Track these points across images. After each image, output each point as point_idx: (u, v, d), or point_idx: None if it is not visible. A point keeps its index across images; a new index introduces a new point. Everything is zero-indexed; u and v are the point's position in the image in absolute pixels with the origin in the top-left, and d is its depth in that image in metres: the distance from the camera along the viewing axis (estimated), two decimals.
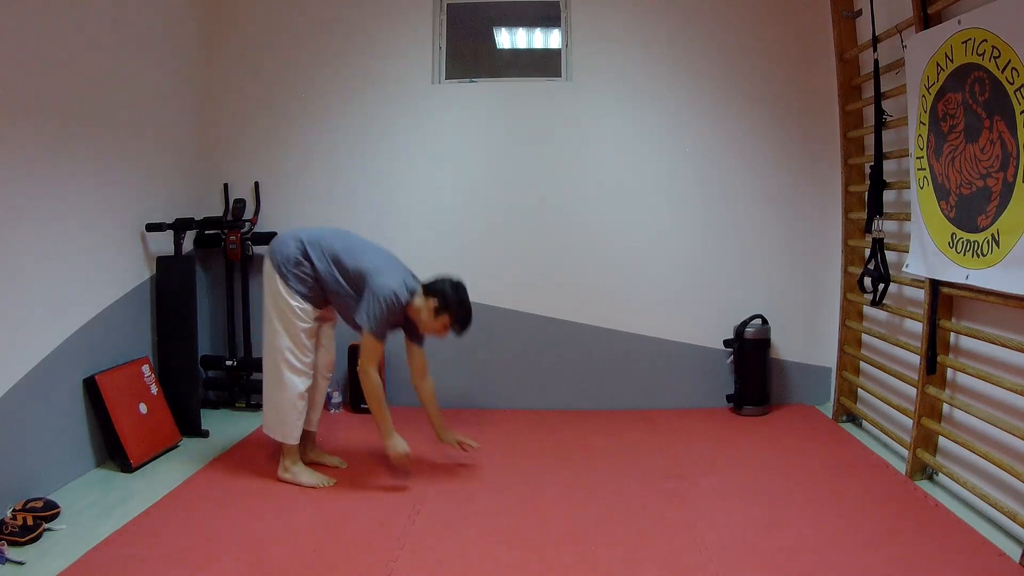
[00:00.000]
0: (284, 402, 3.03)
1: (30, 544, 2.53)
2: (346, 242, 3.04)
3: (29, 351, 2.90)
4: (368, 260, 2.98)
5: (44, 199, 2.98)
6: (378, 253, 3.08)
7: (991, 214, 2.55)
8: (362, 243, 3.10)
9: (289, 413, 3.03)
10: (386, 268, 2.98)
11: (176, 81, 4.00)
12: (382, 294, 2.88)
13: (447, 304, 2.95)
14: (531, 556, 2.47)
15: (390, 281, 2.91)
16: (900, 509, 2.79)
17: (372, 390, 2.94)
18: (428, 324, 2.98)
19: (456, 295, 2.97)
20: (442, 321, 2.97)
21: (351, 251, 3.00)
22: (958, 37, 2.69)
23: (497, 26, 4.51)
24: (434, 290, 2.97)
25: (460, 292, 3.00)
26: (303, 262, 2.97)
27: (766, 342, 4.04)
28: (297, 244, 2.99)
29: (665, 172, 4.17)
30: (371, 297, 2.88)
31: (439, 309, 2.95)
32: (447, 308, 2.95)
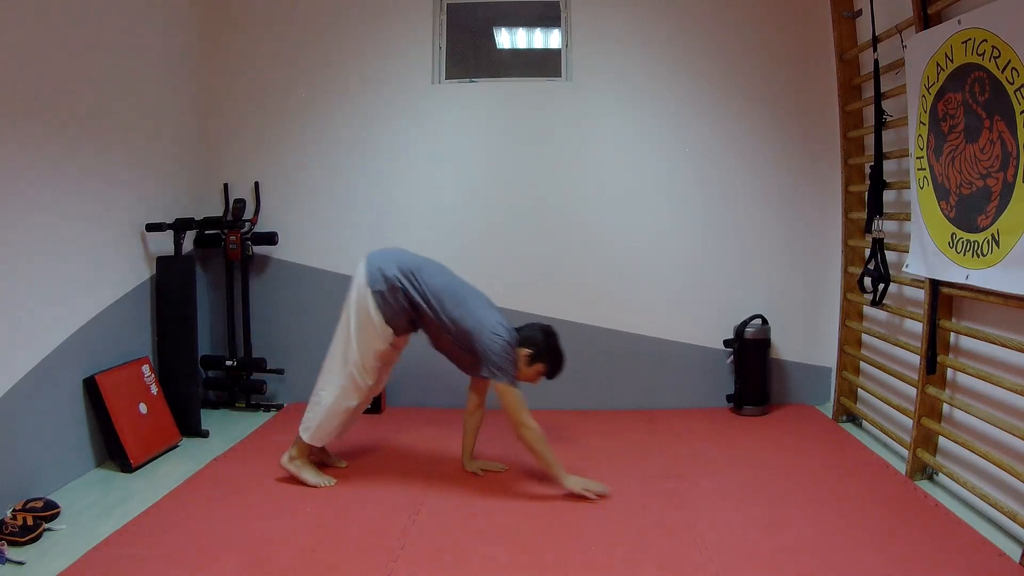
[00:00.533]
0: (332, 412, 3.02)
1: (30, 544, 2.53)
2: (443, 279, 3.01)
3: (29, 351, 2.90)
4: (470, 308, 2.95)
5: (44, 199, 2.98)
6: (476, 298, 3.03)
7: (991, 214, 2.55)
8: (458, 282, 3.06)
9: (332, 423, 3.04)
10: (488, 319, 2.94)
11: (176, 81, 4.00)
12: (501, 348, 2.88)
13: (540, 353, 2.98)
14: (531, 556, 2.47)
15: (501, 331, 2.91)
16: (900, 509, 2.79)
17: (538, 439, 2.92)
18: (522, 372, 3.00)
19: (547, 342, 3.00)
20: (536, 369, 3.01)
21: (451, 293, 2.97)
22: (958, 37, 2.69)
23: (497, 26, 4.51)
24: (527, 339, 2.99)
25: (552, 339, 3.02)
26: (402, 290, 2.93)
27: (766, 342, 4.04)
28: (398, 271, 2.94)
29: (665, 172, 4.17)
30: (492, 353, 2.88)
31: (533, 357, 2.98)
32: (540, 357, 2.98)
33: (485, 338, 2.89)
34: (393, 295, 2.93)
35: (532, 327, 3.04)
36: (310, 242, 4.28)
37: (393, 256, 3.03)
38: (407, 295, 2.94)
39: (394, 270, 2.94)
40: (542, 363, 2.99)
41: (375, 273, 2.94)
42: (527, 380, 3.04)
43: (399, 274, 2.94)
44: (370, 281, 2.94)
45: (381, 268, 2.95)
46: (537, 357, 2.98)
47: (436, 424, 3.90)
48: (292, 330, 4.29)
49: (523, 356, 2.97)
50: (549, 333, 3.03)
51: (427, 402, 4.21)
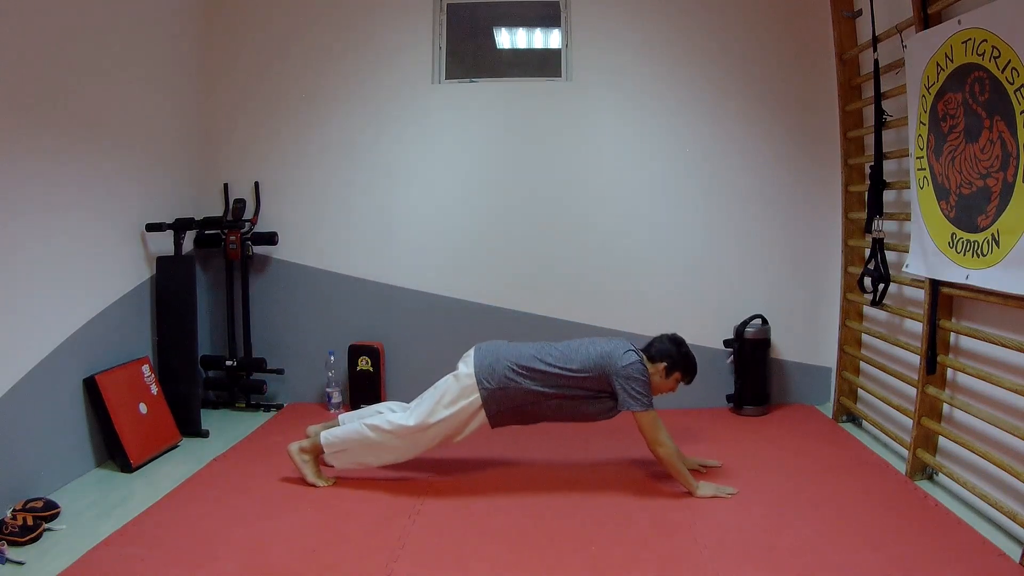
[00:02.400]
0: (369, 450, 3.00)
1: (30, 544, 2.53)
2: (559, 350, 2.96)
3: (29, 351, 2.90)
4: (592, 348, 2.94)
5: (44, 199, 2.98)
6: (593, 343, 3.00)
7: (991, 214, 2.55)
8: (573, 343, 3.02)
9: (362, 460, 3.04)
10: (613, 346, 2.94)
11: (177, 82, 4.00)
12: (635, 371, 2.88)
13: (675, 362, 3.00)
14: (531, 556, 2.47)
15: (632, 355, 2.91)
16: (900, 509, 2.79)
17: (671, 458, 2.92)
18: (661, 386, 3.02)
19: (680, 351, 3.02)
20: (674, 378, 3.03)
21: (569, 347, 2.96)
22: (958, 37, 2.69)
23: (497, 26, 4.51)
24: (658, 353, 3.01)
25: (682, 346, 3.04)
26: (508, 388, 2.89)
27: (766, 342, 4.04)
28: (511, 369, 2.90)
29: (665, 172, 4.17)
30: (629, 379, 2.87)
31: (670, 368, 3.00)
32: (677, 366, 3.01)
33: (621, 366, 2.87)
34: (505, 393, 2.90)
35: (661, 340, 3.05)
36: (310, 242, 4.28)
37: (502, 351, 2.97)
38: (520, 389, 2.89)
39: (505, 368, 2.90)
40: (679, 371, 3.03)
41: (485, 372, 2.91)
42: (667, 391, 3.07)
43: (511, 371, 2.90)
44: (480, 379, 2.90)
45: (492, 367, 2.91)
46: (674, 367, 3.01)
47: None
48: (292, 330, 4.29)
49: (660, 370, 2.99)
50: (678, 342, 3.05)
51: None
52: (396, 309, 4.25)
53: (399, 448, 3.01)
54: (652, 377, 2.98)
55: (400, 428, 2.97)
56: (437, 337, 4.19)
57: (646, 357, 2.99)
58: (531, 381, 2.90)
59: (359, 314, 4.24)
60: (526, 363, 2.92)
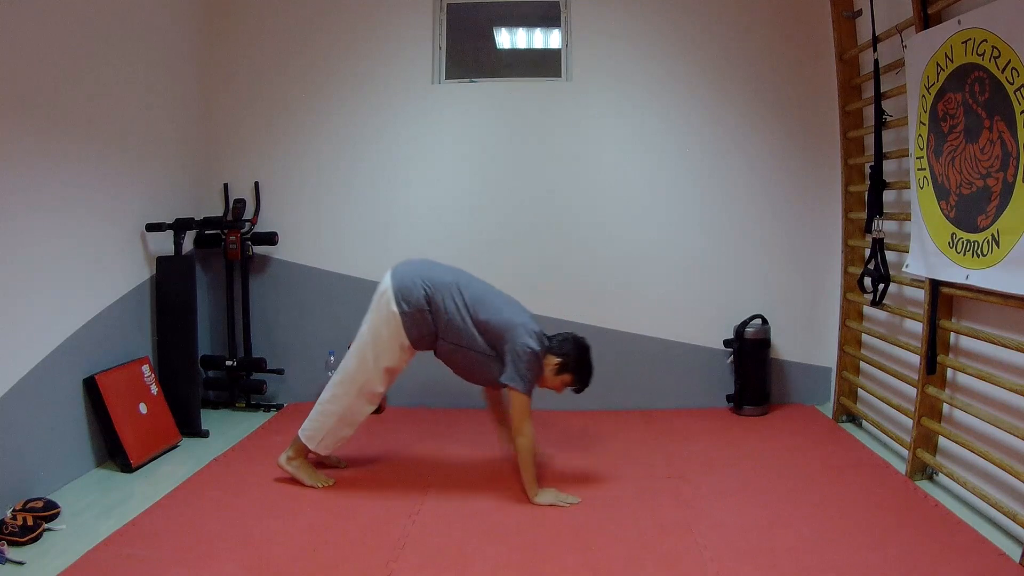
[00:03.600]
0: (344, 422, 3.02)
1: (30, 544, 2.53)
2: (477, 288, 2.99)
3: (29, 351, 2.90)
4: (504, 314, 2.93)
5: (44, 199, 2.98)
6: (510, 304, 3.02)
7: (991, 214, 2.55)
8: (491, 290, 3.04)
9: (343, 432, 3.05)
10: (522, 325, 2.92)
11: (177, 82, 4.00)
12: (527, 356, 2.86)
13: (569, 364, 2.96)
14: (531, 556, 2.47)
15: (531, 340, 2.89)
16: (900, 509, 2.79)
17: (529, 449, 2.91)
18: (548, 380, 2.99)
19: (578, 355, 2.98)
20: (563, 379, 2.99)
21: (484, 301, 2.96)
22: (958, 37, 2.69)
23: (497, 26, 4.52)
24: (558, 348, 2.97)
25: (583, 352, 2.99)
26: (427, 310, 2.91)
27: (766, 342, 4.04)
28: (427, 288, 2.92)
29: (665, 172, 4.17)
30: (517, 359, 2.86)
31: (562, 367, 2.96)
32: (568, 368, 2.97)
33: (517, 341, 2.86)
34: (420, 314, 2.91)
35: (566, 337, 3.01)
36: (310, 242, 4.28)
37: (420, 273, 2.99)
38: (429, 315, 2.92)
39: (420, 290, 2.92)
40: (570, 374, 2.98)
41: (401, 291, 2.92)
42: (552, 388, 3.03)
43: (424, 293, 2.92)
44: (397, 299, 2.91)
45: (408, 287, 2.92)
46: (566, 368, 2.96)
47: (436, 424, 3.90)
48: (292, 330, 4.29)
49: (552, 364, 2.95)
50: (582, 346, 3.00)
51: (427, 402, 4.21)
52: None
53: (358, 399, 3.00)
54: (544, 368, 2.95)
55: (344, 378, 3.00)
56: None
57: (546, 347, 2.96)
58: (440, 306, 2.91)
59: (359, 314, 4.20)
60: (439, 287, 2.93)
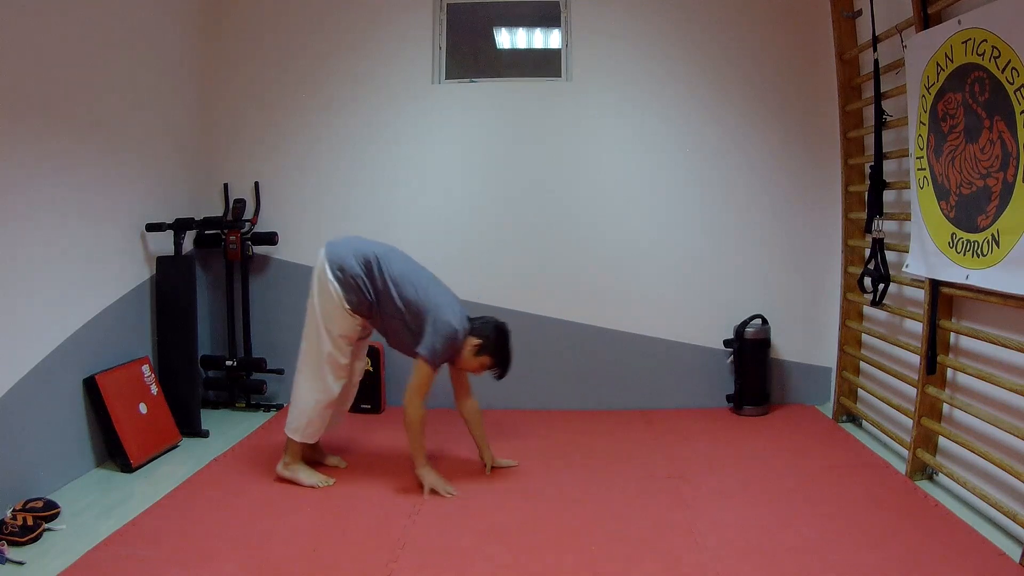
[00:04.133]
0: (316, 404, 3.03)
1: (30, 544, 2.53)
2: (404, 266, 3.04)
3: (29, 351, 2.90)
4: (430, 293, 2.98)
5: (44, 199, 2.98)
6: (436, 284, 3.07)
7: (991, 214, 2.55)
8: (418, 269, 3.09)
9: (318, 416, 3.05)
10: (446, 303, 2.98)
11: (177, 82, 4.00)
12: (446, 331, 2.91)
13: (487, 347, 3.01)
14: (531, 556, 2.47)
15: (452, 319, 2.93)
16: (900, 509, 2.79)
17: (418, 419, 2.95)
18: (467, 361, 3.03)
19: (497, 339, 3.02)
20: (481, 361, 3.03)
21: (410, 278, 2.99)
22: (958, 37, 2.69)
23: (497, 26, 4.51)
24: (477, 330, 3.01)
25: (503, 337, 3.04)
26: (361, 277, 2.96)
27: (766, 342, 4.04)
28: (358, 259, 2.97)
29: (665, 172, 4.17)
30: (434, 332, 2.91)
31: (480, 349, 3.00)
32: (487, 350, 3.01)
33: (437, 317, 2.91)
34: (354, 281, 2.95)
35: (487, 321, 3.06)
36: (310, 242, 4.25)
37: (351, 244, 3.05)
38: (364, 282, 2.96)
39: (351, 260, 2.97)
40: (488, 356, 3.02)
41: (336, 263, 2.97)
42: (470, 370, 3.08)
43: (359, 262, 2.97)
44: (332, 270, 2.96)
45: (342, 257, 2.97)
46: (484, 350, 3.01)
47: (436, 424, 3.89)
48: (292, 330, 4.22)
49: (471, 345, 3.00)
50: (502, 330, 3.06)
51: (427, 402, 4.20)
52: None
53: (323, 376, 3.01)
54: (464, 349, 2.99)
55: (304, 361, 3.03)
56: None
57: (467, 328, 3.00)
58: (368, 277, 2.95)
59: None
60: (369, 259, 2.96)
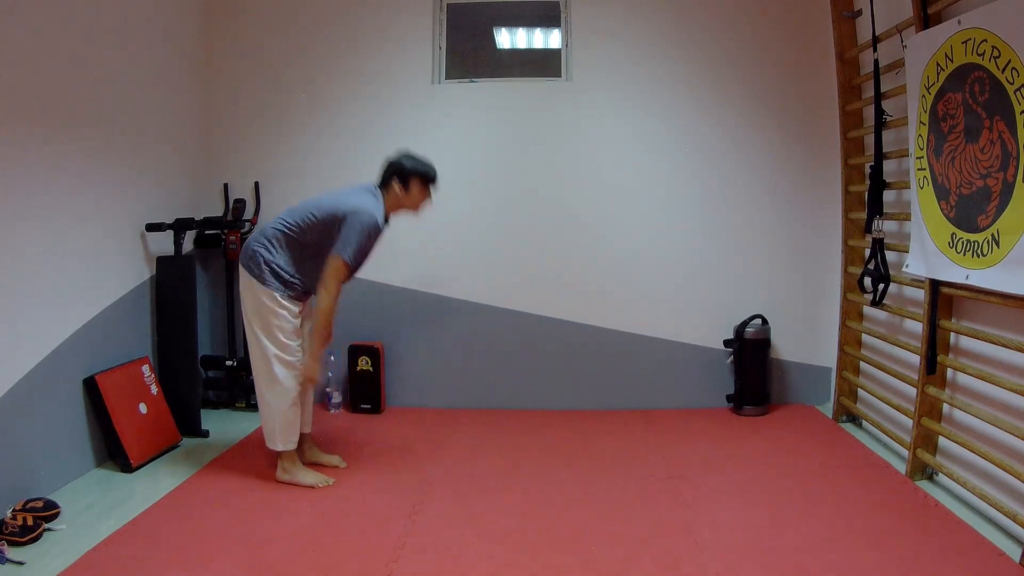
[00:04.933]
0: (280, 408, 3.02)
1: (30, 544, 2.53)
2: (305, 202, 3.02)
3: (29, 351, 2.90)
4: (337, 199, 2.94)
5: (44, 199, 2.98)
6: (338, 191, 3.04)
7: (991, 214, 2.55)
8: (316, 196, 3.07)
9: (286, 418, 3.03)
10: (358, 200, 2.92)
11: (177, 82, 4.00)
12: (366, 223, 2.86)
13: (403, 171, 2.99)
14: (531, 556, 2.47)
15: (370, 208, 2.88)
16: (900, 509, 2.79)
17: (331, 306, 2.92)
18: (408, 201, 3.01)
19: (404, 159, 3.02)
20: (416, 188, 3.01)
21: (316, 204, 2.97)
22: (958, 37, 2.69)
23: (497, 26, 4.51)
24: (387, 174, 3.01)
25: (410, 157, 3.04)
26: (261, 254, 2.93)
27: (766, 342, 4.04)
28: (262, 238, 2.98)
29: (665, 172, 4.17)
30: (351, 229, 2.85)
31: (403, 180, 2.98)
32: (406, 173, 2.99)
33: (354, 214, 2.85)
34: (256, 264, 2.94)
35: (388, 163, 3.04)
36: None
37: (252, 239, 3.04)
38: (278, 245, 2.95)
39: (260, 244, 2.96)
40: (414, 177, 3.00)
41: (248, 261, 2.97)
42: (421, 203, 3.06)
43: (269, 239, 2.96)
44: (248, 270, 2.96)
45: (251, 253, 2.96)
46: (406, 176, 2.99)
47: (436, 424, 3.90)
48: None
49: (397, 189, 2.97)
50: (403, 153, 3.05)
51: (427, 402, 4.21)
52: (396, 309, 4.25)
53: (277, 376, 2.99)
54: (398, 201, 2.98)
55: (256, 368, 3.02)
56: (437, 337, 4.20)
57: (380, 188, 2.97)
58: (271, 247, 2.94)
59: (359, 314, 4.24)
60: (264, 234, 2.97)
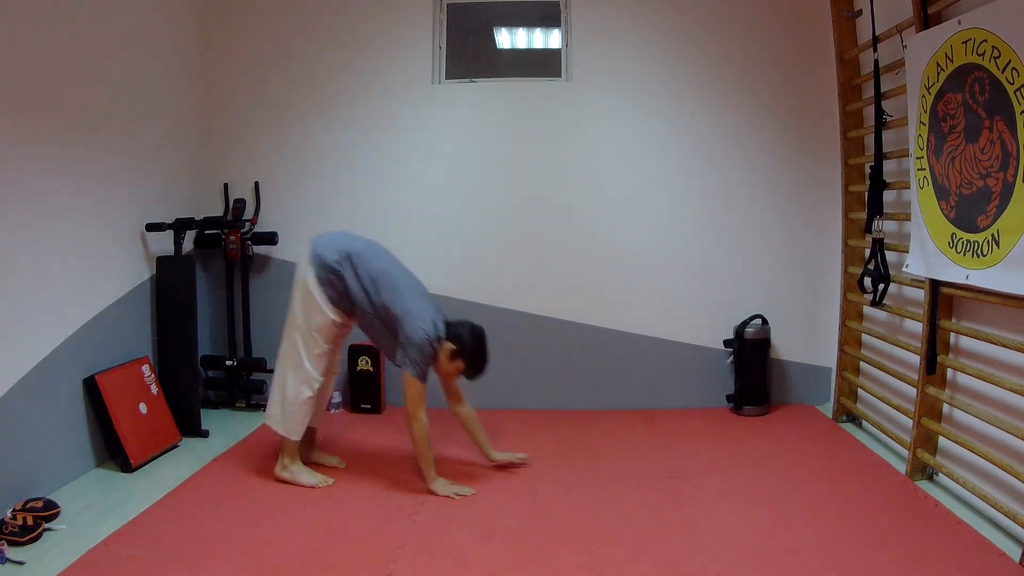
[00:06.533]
0: (295, 396, 3.04)
1: (30, 544, 2.53)
2: (382, 264, 3.02)
3: (29, 351, 2.90)
4: (404, 298, 2.96)
5: (44, 199, 2.98)
6: (411, 288, 3.05)
7: (991, 214, 2.55)
8: (395, 268, 3.07)
9: (297, 407, 3.04)
10: (418, 310, 2.95)
11: (177, 82, 4.00)
12: (419, 341, 2.89)
13: (463, 351, 2.99)
14: (531, 556, 2.47)
15: (425, 326, 2.91)
16: (900, 509, 2.79)
17: (423, 435, 2.95)
18: (443, 365, 3.01)
19: (474, 343, 3.00)
20: (456, 365, 3.01)
21: (386, 279, 2.97)
22: (958, 37, 2.69)
23: (497, 26, 4.51)
24: (454, 335, 2.99)
25: (479, 341, 3.02)
26: (339, 273, 2.96)
27: (766, 342, 4.04)
28: (340, 254, 2.97)
29: (665, 172, 4.17)
30: (409, 343, 2.89)
31: (455, 354, 2.98)
32: (462, 355, 2.99)
33: (408, 326, 2.90)
34: (330, 277, 2.96)
35: (464, 325, 3.04)
36: None
37: (334, 240, 3.05)
38: (343, 278, 2.96)
39: (334, 255, 2.97)
40: (463, 361, 3.00)
41: (316, 258, 2.98)
42: (446, 375, 3.07)
43: (339, 258, 2.97)
44: (313, 265, 2.97)
45: (322, 254, 2.98)
46: (459, 354, 2.99)
47: (436, 424, 3.89)
48: None
49: (447, 350, 2.98)
50: (478, 334, 3.03)
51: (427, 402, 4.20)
52: None
53: (309, 366, 3.02)
54: (439, 354, 2.98)
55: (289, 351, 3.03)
56: None
57: (444, 333, 2.99)
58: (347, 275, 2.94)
59: None
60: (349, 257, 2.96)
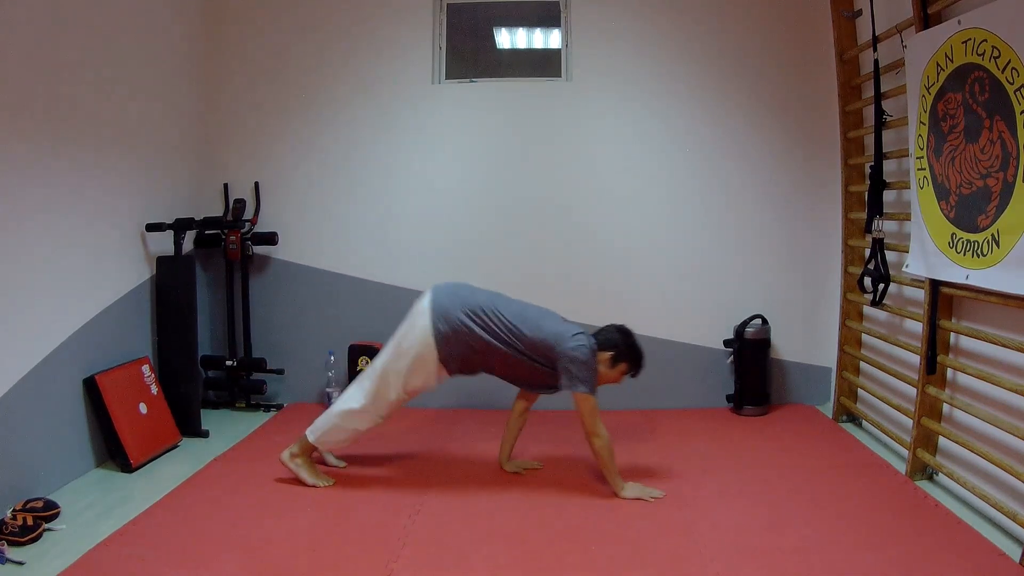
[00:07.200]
0: (351, 423, 3.05)
1: (30, 544, 2.52)
2: (516, 306, 3.02)
3: (29, 351, 2.90)
4: (549, 324, 2.98)
5: (44, 199, 2.98)
6: (549, 315, 3.07)
7: (991, 214, 2.55)
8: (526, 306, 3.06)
9: (345, 435, 3.07)
10: (565, 331, 2.95)
11: (177, 82, 4.00)
12: (584, 355, 2.89)
13: (621, 353, 3.00)
14: (531, 556, 2.47)
15: (583, 340, 2.92)
16: (900, 509, 2.79)
17: (607, 448, 2.93)
18: (605, 375, 3.02)
19: (627, 342, 3.02)
20: (619, 369, 3.03)
21: (526, 318, 2.97)
22: (958, 37, 2.69)
23: (497, 26, 4.51)
24: (606, 342, 3.01)
25: (630, 338, 3.04)
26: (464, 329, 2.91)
27: (766, 342, 4.04)
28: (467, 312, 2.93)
29: (665, 172, 4.17)
30: (573, 362, 2.88)
31: (615, 358, 3.00)
32: (623, 356, 3.01)
33: (567, 347, 2.89)
34: (456, 337, 2.92)
35: (609, 330, 3.06)
36: (310, 242, 4.28)
37: (459, 295, 3.00)
38: (471, 335, 2.92)
39: (458, 312, 2.93)
40: (625, 362, 3.02)
41: (439, 312, 2.94)
42: (611, 381, 3.07)
43: (464, 316, 2.93)
44: (434, 321, 2.93)
45: (447, 309, 2.94)
46: (620, 358, 3.00)
47: (436, 424, 3.91)
48: (292, 330, 4.29)
49: (605, 359, 2.99)
50: (626, 333, 3.06)
51: (427, 402, 4.20)
52: (396, 309, 4.22)
53: (373, 413, 3.04)
54: (598, 366, 2.97)
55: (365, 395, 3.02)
56: None
57: (595, 344, 2.99)
58: (482, 330, 2.92)
59: (359, 314, 4.24)
60: (480, 311, 2.94)
